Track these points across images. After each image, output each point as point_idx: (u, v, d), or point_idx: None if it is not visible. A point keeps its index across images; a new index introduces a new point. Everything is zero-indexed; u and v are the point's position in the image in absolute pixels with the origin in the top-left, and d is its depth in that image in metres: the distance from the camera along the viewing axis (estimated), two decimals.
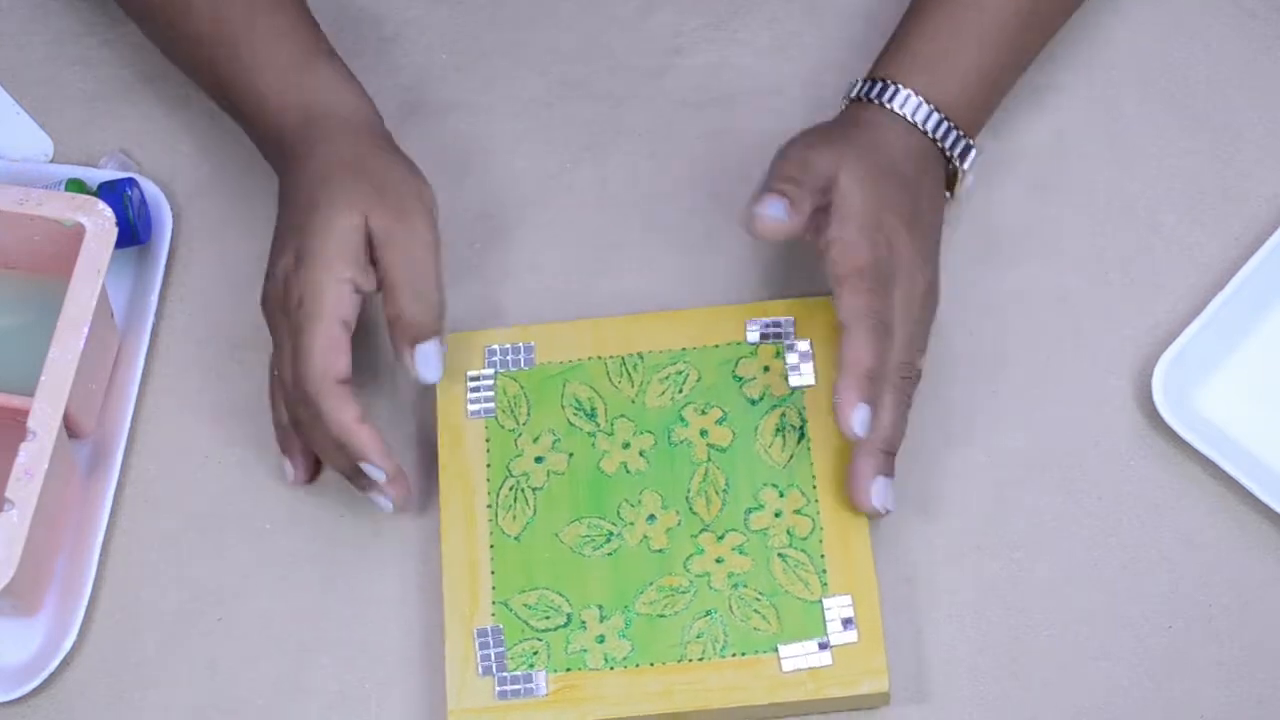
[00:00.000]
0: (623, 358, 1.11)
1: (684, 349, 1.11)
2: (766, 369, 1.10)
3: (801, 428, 1.08)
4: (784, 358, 1.10)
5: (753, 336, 1.11)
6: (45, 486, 1.02)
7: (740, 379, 1.10)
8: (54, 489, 1.04)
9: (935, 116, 1.08)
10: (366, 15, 1.22)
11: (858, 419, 1.02)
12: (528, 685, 1.03)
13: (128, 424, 1.11)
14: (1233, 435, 1.09)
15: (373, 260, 1.04)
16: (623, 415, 1.09)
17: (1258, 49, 1.19)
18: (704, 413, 1.09)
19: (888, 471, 1.04)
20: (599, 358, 1.11)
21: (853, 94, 1.10)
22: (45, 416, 1.03)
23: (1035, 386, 1.11)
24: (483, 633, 1.04)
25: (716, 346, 1.10)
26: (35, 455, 1.02)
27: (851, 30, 1.21)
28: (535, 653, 1.04)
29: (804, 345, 1.10)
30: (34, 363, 1.05)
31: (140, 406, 1.12)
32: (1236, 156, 1.17)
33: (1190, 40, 1.19)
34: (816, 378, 1.09)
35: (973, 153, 1.10)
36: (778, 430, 1.08)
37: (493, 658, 1.04)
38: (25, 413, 1.03)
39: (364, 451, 1.03)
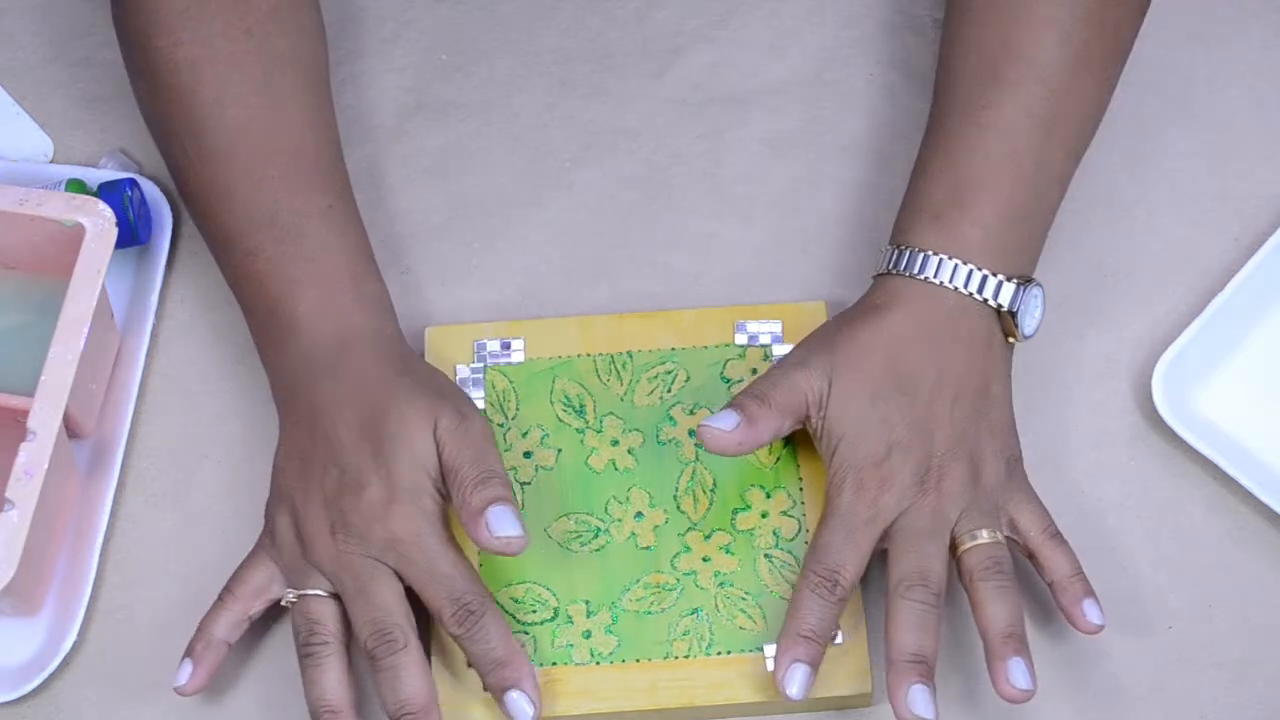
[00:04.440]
0: (612, 356, 1.11)
1: (673, 349, 1.11)
2: (755, 371, 1.10)
3: None
4: (772, 360, 1.10)
5: (741, 339, 1.11)
6: (45, 486, 1.02)
7: (728, 380, 1.10)
8: (54, 489, 1.04)
9: (963, 271, 1.04)
10: (366, 15, 1.22)
11: (790, 682, 1.00)
12: None
13: (128, 424, 1.11)
14: (1233, 435, 1.09)
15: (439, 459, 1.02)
16: (611, 413, 1.09)
17: (1258, 49, 1.19)
18: (692, 413, 1.09)
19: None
20: (588, 355, 1.11)
21: (878, 268, 1.07)
22: (45, 416, 1.03)
23: (1035, 387, 1.10)
24: None
25: (705, 348, 1.11)
26: (35, 455, 1.02)
27: (852, 29, 1.21)
28: (522, 646, 1.04)
29: (791, 350, 1.10)
30: (34, 363, 1.05)
31: (140, 406, 1.12)
32: (1236, 156, 1.17)
33: (1190, 40, 1.19)
34: None
35: (1021, 291, 1.05)
36: None
37: None
38: (25, 413, 1.03)
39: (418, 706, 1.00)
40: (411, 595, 1.02)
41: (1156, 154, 1.17)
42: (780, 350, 1.10)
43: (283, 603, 1.04)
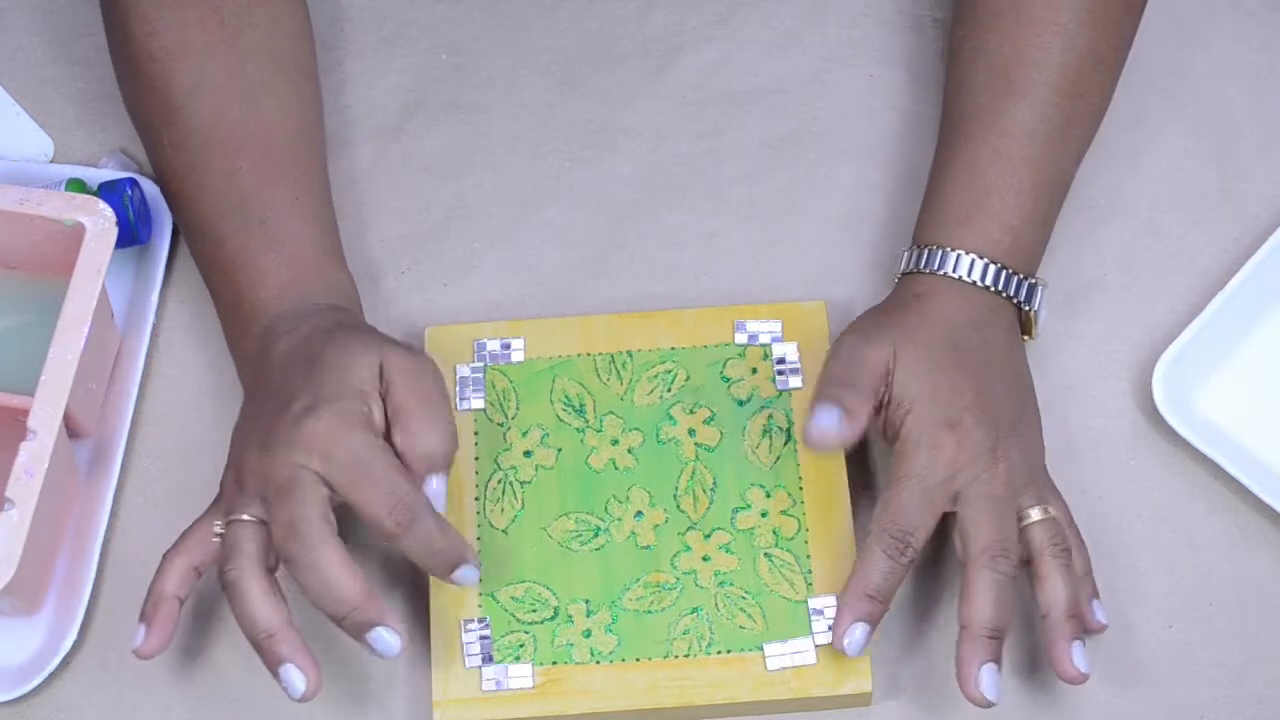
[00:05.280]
0: (612, 355, 1.11)
1: (673, 348, 1.11)
2: (755, 371, 1.10)
3: (788, 430, 1.08)
4: (771, 360, 1.10)
5: (741, 339, 1.11)
6: (45, 486, 1.02)
7: (728, 379, 1.10)
8: (54, 489, 1.04)
9: (993, 269, 1.05)
10: (366, 15, 1.22)
11: (849, 640, 1.00)
12: (514, 677, 1.03)
13: (128, 424, 1.11)
14: (1233, 435, 1.09)
15: (382, 397, 1.01)
16: (611, 412, 1.09)
17: (1258, 49, 1.19)
18: (692, 412, 1.09)
19: (984, 659, 1.00)
20: (588, 354, 1.11)
21: (903, 267, 1.07)
22: (45, 416, 1.03)
23: (1035, 386, 1.10)
24: (469, 624, 1.04)
25: (705, 347, 1.11)
26: (35, 455, 1.02)
27: (852, 29, 1.21)
28: (522, 645, 1.04)
29: (791, 349, 1.10)
30: (34, 363, 1.05)
31: (140, 406, 1.12)
32: (1236, 156, 1.17)
33: (1190, 40, 1.20)
34: (804, 381, 1.09)
35: (1039, 291, 1.07)
36: (765, 431, 1.08)
37: (479, 649, 1.04)
38: (25, 413, 1.03)
39: (371, 611, 0.98)
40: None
41: (1156, 154, 1.17)
42: (780, 350, 1.10)
43: (213, 539, 1.02)
